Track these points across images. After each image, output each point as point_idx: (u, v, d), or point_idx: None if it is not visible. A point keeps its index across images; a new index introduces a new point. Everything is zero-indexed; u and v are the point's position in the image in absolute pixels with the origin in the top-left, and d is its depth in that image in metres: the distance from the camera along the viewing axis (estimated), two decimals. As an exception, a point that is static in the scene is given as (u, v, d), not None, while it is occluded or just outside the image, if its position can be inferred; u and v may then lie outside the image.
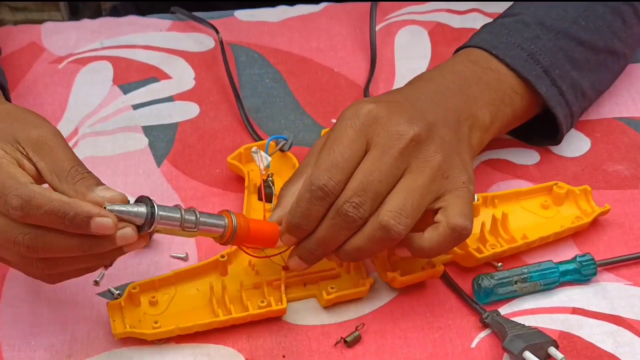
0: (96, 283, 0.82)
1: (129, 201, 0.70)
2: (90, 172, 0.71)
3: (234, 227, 0.74)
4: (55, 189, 0.70)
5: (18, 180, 0.68)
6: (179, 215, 0.71)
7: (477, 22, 1.11)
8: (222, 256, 0.80)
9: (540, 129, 0.93)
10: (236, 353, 0.77)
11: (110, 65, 1.06)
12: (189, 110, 1.00)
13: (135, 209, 0.69)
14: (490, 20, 0.96)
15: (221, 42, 1.05)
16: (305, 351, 0.77)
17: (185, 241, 0.86)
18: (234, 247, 0.81)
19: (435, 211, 0.76)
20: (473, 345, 0.77)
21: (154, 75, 1.05)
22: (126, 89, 1.03)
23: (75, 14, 1.40)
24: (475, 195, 0.85)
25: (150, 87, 1.04)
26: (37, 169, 0.70)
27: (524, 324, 0.76)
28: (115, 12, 1.34)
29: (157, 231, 0.71)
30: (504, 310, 0.79)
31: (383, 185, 0.74)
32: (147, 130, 0.98)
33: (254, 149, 0.84)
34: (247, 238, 0.75)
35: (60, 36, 1.11)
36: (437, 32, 1.10)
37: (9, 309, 0.80)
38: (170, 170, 0.93)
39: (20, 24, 1.14)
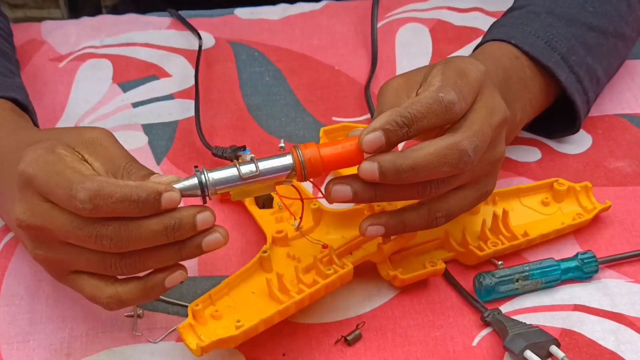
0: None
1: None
2: (143, 165, 0.71)
3: (302, 163, 0.71)
4: None
5: (82, 173, 0.68)
6: (235, 173, 0.70)
7: (478, 20, 1.10)
8: (264, 252, 0.78)
9: (556, 120, 0.93)
10: (236, 351, 0.76)
11: (110, 64, 1.06)
12: (189, 108, 1.00)
13: (187, 182, 0.69)
14: (491, 18, 0.96)
15: (200, 47, 1.05)
16: (306, 349, 0.77)
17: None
18: (268, 244, 0.80)
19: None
20: (474, 343, 0.77)
21: (154, 73, 1.05)
22: (126, 87, 1.03)
23: (74, 11, 1.40)
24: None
25: (150, 85, 1.03)
26: (93, 169, 0.70)
27: (525, 323, 0.76)
28: (115, 11, 1.34)
29: (227, 196, 0.70)
30: (505, 308, 0.79)
31: (488, 143, 0.73)
32: (147, 128, 0.98)
33: (242, 156, 0.82)
34: (323, 167, 0.71)
35: (60, 34, 1.11)
36: (439, 30, 1.10)
37: (8, 308, 0.80)
38: (170, 169, 0.93)
39: (20, 21, 1.14)
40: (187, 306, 0.79)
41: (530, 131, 0.95)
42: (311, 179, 0.72)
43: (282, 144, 0.93)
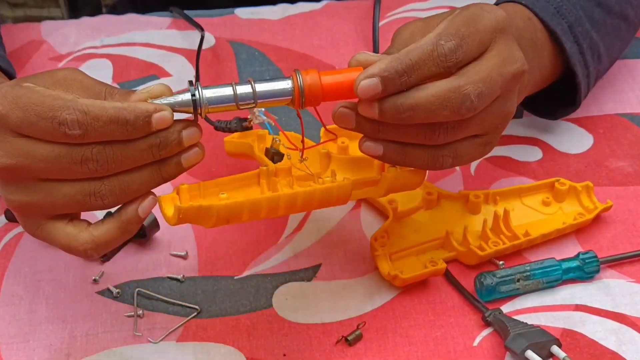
0: (95, 281, 0.82)
1: (172, 91, 0.68)
2: (124, 89, 0.69)
3: (301, 89, 0.68)
4: None
5: (65, 98, 0.64)
6: (230, 92, 0.67)
7: (479, 19, 1.10)
8: (265, 166, 0.75)
9: (557, 99, 0.92)
10: (237, 352, 0.76)
11: (110, 63, 1.06)
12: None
13: (179, 98, 0.66)
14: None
15: (201, 39, 1.04)
16: (306, 350, 0.76)
17: (185, 239, 0.85)
18: (272, 166, 0.75)
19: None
20: (475, 343, 0.76)
21: (154, 73, 1.05)
22: (126, 86, 1.03)
23: (74, 11, 1.40)
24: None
25: (150, 84, 1.03)
26: None
27: (526, 323, 0.75)
28: (114, 11, 1.34)
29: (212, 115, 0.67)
30: (506, 308, 0.78)
31: (497, 93, 0.71)
32: (147, 128, 0.97)
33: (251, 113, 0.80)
34: (322, 96, 0.68)
35: (60, 34, 1.11)
36: (439, 29, 1.10)
37: (7, 308, 0.80)
38: (170, 168, 0.93)
39: (20, 20, 1.14)
40: (187, 306, 0.79)
41: (532, 112, 0.95)
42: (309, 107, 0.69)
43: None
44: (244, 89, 0.67)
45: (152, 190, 0.69)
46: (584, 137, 0.95)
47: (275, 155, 0.76)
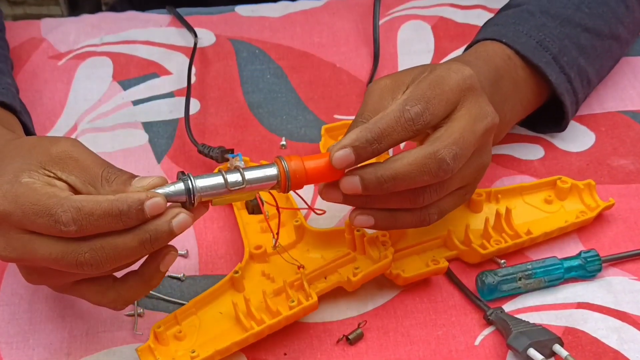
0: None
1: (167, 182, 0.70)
2: (121, 169, 0.70)
3: (287, 174, 0.71)
4: None
5: (59, 197, 0.66)
6: (221, 181, 0.69)
7: (481, 18, 1.10)
8: (236, 272, 0.78)
9: (543, 116, 0.93)
10: (237, 351, 0.76)
11: (110, 61, 1.06)
12: (190, 106, 0.99)
13: (173, 188, 0.68)
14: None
15: (195, 45, 1.05)
16: (307, 349, 0.76)
17: (185, 238, 0.85)
18: (244, 261, 0.80)
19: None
20: (477, 342, 0.76)
21: (154, 71, 1.05)
22: (126, 84, 1.03)
23: (74, 9, 1.40)
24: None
25: (150, 82, 1.03)
26: (69, 184, 0.69)
27: (528, 321, 0.75)
28: (114, 10, 1.33)
29: (210, 202, 0.69)
30: (508, 307, 0.78)
31: (471, 151, 0.73)
32: (147, 126, 0.97)
33: (230, 160, 0.82)
34: (306, 179, 0.72)
35: (60, 32, 1.10)
36: (441, 27, 1.09)
37: (7, 307, 0.80)
38: (171, 167, 0.92)
39: (19, 18, 1.13)
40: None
41: (519, 124, 0.95)
42: (294, 191, 0.72)
43: (284, 142, 0.93)
44: (233, 178, 0.70)
45: (172, 244, 0.71)
46: (586, 135, 0.95)
47: (254, 208, 0.77)
